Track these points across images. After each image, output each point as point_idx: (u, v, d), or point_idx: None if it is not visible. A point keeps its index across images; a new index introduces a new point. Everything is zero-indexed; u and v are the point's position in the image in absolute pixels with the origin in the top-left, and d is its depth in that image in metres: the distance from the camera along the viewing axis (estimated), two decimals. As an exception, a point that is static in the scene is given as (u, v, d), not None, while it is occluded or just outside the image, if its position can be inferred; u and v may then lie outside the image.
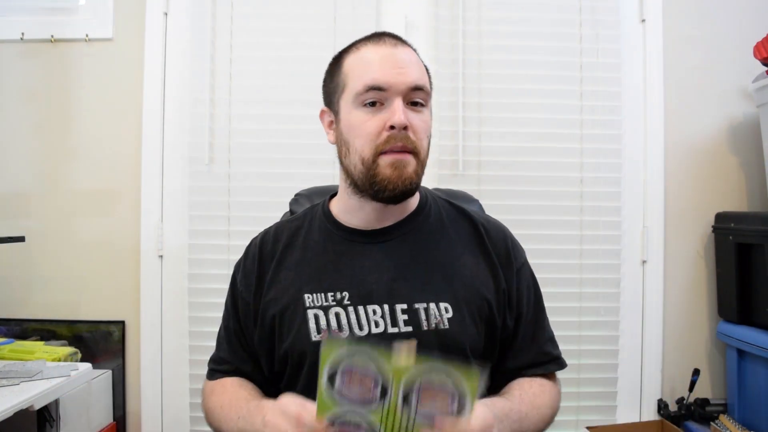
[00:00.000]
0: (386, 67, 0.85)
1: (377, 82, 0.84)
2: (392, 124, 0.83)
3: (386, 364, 0.69)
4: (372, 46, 0.88)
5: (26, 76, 1.83)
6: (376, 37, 0.90)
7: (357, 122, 0.86)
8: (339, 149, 0.91)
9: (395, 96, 0.84)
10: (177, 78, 1.80)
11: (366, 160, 0.85)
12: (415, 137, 0.85)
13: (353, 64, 0.88)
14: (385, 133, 0.84)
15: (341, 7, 1.79)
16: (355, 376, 0.69)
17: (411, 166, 0.85)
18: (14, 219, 1.82)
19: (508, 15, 1.81)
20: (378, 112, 0.85)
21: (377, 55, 0.86)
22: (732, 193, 1.83)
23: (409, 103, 0.86)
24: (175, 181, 1.80)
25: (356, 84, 0.86)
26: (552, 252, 1.77)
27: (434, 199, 0.99)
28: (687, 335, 1.82)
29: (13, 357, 1.46)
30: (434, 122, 1.80)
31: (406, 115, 0.84)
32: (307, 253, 0.93)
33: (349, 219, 0.94)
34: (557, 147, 1.79)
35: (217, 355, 1.00)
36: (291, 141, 1.77)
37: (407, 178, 0.85)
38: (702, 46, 1.84)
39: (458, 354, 0.86)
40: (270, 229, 1.00)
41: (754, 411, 1.61)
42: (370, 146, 0.85)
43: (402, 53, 0.87)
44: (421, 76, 0.88)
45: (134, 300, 1.80)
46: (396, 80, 0.84)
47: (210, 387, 0.97)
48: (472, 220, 0.97)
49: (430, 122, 0.90)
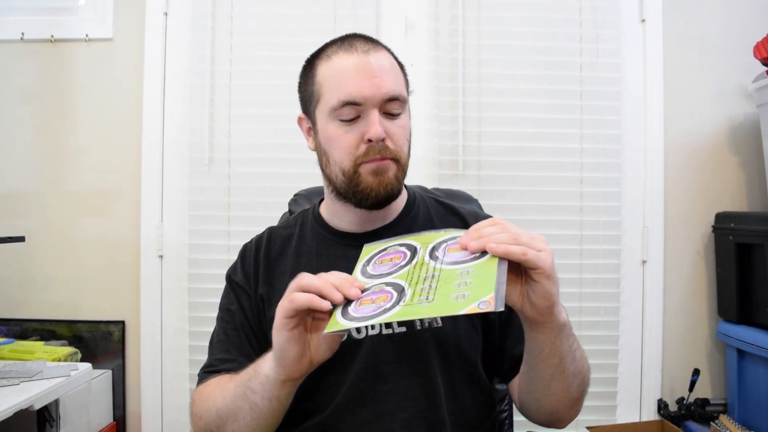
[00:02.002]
0: (360, 78, 0.82)
1: (351, 97, 0.82)
2: (369, 137, 0.82)
3: (415, 239, 0.75)
4: (344, 54, 0.85)
5: (26, 76, 1.83)
6: (347, 42, 0.87)
7: (334, 135, 0.85)
8: (319, 158, 0.91)
9: (371, 108, 0.83)
10: (177, 78, 1.80)
11: (347, 172, 0.85)
12: (394, 145, 0.85)
13: (326, 75, 0.86)
14: (363, 146, 0.83)
15: (341, 7, 1.79)
16: (386, 257, 0.75)
17: (392, 171, 0.85)
18: (14, 219, 1.82)
19: (508, 15, 1.81)
20: (355, 125, 0.84)
21: (349, 63, 0.83)
22: (732, 193, 1.83)
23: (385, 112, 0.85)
24: (175, 181, 1.80)
25: (331, 97, 0.84)
26: (552, 252, 1.76)
27: (422, 198, 0.99)
28: (687, 335, 1.82)
29: (13, 357, 1.46)
30: (434, 122, 1.82)
31: (383, 126, 0.83)
32: (302, 259, 0.93)
33: (338, 223, 0.94)
34: (557, 147, 1.79)
35: (212, 359, 0.91)
36: (291, 141, 1.76)
37: (388, 184, 0.85)
38: (702, 46, 1.84)
39: (455, 352, 0.86)
40: (263, 234, 0.99)
41: (754, 411, 1.61)
42: (349, 159, 0.84)
43: (375, 59, 0.84)
44: (396, 84, 0.85)
45: (134, 300, 1.80)
46: (371, 92, 0.82)
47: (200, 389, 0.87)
48: (459, 215, 0.97)
49: (408, 125, 0.89)
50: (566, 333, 0.74)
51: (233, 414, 0.77)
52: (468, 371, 0.88)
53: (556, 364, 0.75)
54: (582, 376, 0.80)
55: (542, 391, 0.79)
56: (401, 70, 0.90)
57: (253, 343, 0.90)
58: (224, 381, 0.82)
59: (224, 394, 0.79)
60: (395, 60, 0.89)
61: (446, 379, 0.86)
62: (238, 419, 0.77)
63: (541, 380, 0.78)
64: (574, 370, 0.77)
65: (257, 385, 0.74)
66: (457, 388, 0.86)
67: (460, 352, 0.86)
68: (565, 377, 0.76)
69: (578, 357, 0.78)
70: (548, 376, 0.77)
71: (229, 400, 0.78)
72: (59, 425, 1.41)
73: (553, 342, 0.73)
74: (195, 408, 0.85)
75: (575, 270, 1.78)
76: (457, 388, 0.86)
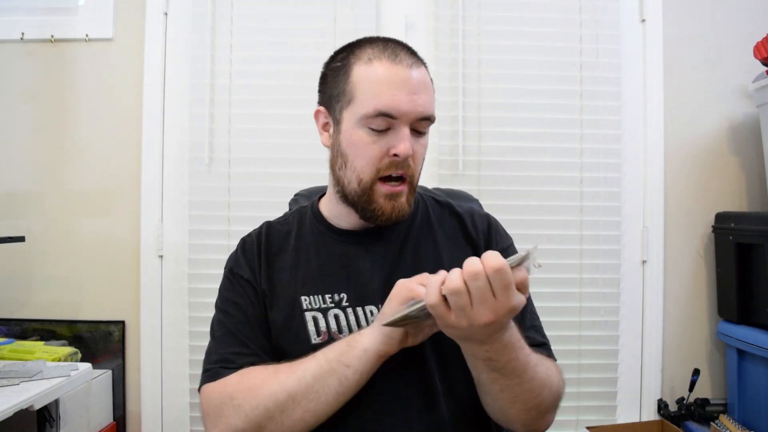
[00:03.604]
0: (402, 92, 0.82)
1: (389, 109, 0.82)
2: (397, 153, 0.83)
3: None
4: (388, 63, 0.83)
5: (26, 76, 1.83)
6: (391, 50, 0.85)
7: (360, 142, 0.84)
8: (333, 157, 0.90)
9: (403, 124, 0.83)
10: (177, 78, 1.80)
11: (363, 182, 0.85)
12: (413, 164, 0.86)
13: (364, 79, 0.84)
14: (387, 159, 0.84)
15: (341, 7, 1.79)
16: None
17: (404, 197, 0.87)
18: (14, 219, 1.81)
19: (508, 15, 1.81)
20: (383, 137, 0.84)
21: (393, 76, 0.82)
22: (732, 193, 1.83)
23: (413, 130, 0.85)
24: (175, 181, 1.80)
25: (366, 104, 0.83)
26: (552, 252, 1.77)
27: (421, 197, 0.99)
28: (687, 335, 1.82)
29: (13, 357, 1.46)
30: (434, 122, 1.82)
31: (411, 144, 0.83)
32: (301, 256, 0.92)
33: (339, 222, 0.94)
34: (557, 147, 1.79)
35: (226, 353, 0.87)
36: (291, 141, 1.77)
37: (400, 210, 0.87)
38: (702, 46, 1.84)
39: (453, 353, 0.85)
40: (261, 229, 0.98)
41: (754, 411, 1.61)
42: (370, 169, 0.84)
43: (417, 75, 0.84)
44: (431, 104, 0.86)
45: (134, 300, 1.80)
46: (408, 108, 0.82)
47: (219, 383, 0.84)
48: (457, 214, 0.98)
49: (427, 144, 0.91)
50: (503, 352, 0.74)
51: (314, 392, 0.78)
52: (467, 372, 0.87)
53: (496, 377, 0.77)
54: (538, 392, 0.79)
55: (493, 399, 0.81)
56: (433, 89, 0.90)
57: (267, 336, 0.89)
58: (282, 367, 0.82)
59: (298, 375, 0.79)
60: (429, 75, 0.89)
61: (444, 377, 0.86)
62: (319, 396, 0.78)
63: (485, 388, 0.81)
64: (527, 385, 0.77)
65: (352, 359, 0.78)
66: (456, 385, 0.86)
67: (458, 353, 0.86)
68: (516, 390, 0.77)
69: (529, 375, 0.77)
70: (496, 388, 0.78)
71: (309, 379, 0.78)
72: (59, 425, 1.41)
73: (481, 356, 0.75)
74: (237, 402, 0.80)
75: (575, 270, 1.77)
76: (456, 385, 0.86)
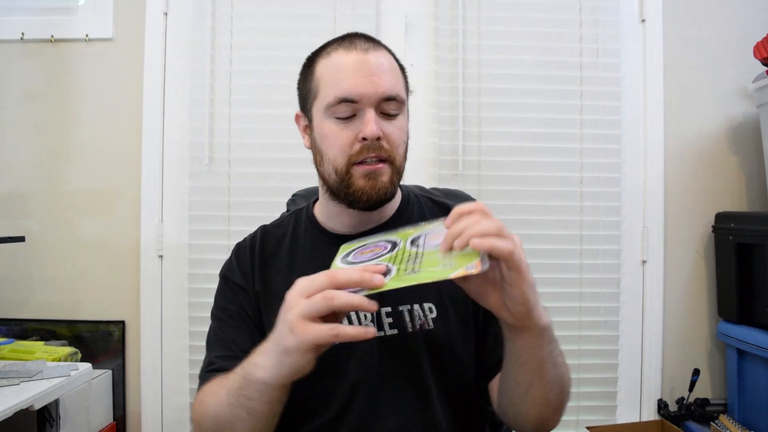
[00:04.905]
0: (358, 76, 0.81)
1: (348, 94, 0.81)
2: (364, 136, 0.81)
3: (394, 234, 0.76)
4: (343, 52, 0.84)
5: (26, 76, 1.83)
6: (348, 39, 0.86)
7: (329, 133, 0.84)
8: (314, 156, 0.90)
9: (367, 107, 0.82)
10: (177, 78, 1.80)
11: (339, 171, 0.84)
12: (389, 146, 0.83)
13: (324, 71, 0.85)
14: (357, 144, 0.82)
15: (341, 7, 1.78)
16: (366, 250, 0.74)
17: (386, 175, 0.84)
18: (14, 219, 1.82)
19: (508, 15, 1.81)
20: (350, 123, 0.83)
21: (348, 61, 0.83)
22: (732, 193, 1.83)
23: (381, 112, 0.84)
24: (175, 181, 1.80)
25: (327, 94, 0.83)
26: (552, 252, 1.77)
27: (416, 198, 0.98)
28: (687, 335, 1.82)
29: (13, 357, 1.46)
30: (434, 122, 1.82)
31: (379, 126, 0.82)
32: (295, 260, 0.92)
33: (332, 225, 0.93)
34: (557, 147, 1.79)
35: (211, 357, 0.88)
36: (291, 141, 1.75)
37: (381, 188, 0.83)
38: (702, 46, 1.84)
39: (447, 354, 0.85)
40: (255, 233, 0.98)
41: (754, 411, 1.61)
42: (342, 157, 0.83)
43: (374, 57, 0.83)
44: (395, 84, 0.84)
45: (134, 300, 1.80)
46: (368, 90, 0.81)
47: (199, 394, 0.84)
48: None
49: (406, 127, 0.88)
50: (547, 337, 0.70)
51: (230, 422, 0.74)
52: (461, 372, 0.87)
53: (534, 370, 0.72)
54: (562, 384, 0.76)
55: (520, 397, 0.76)
56: (401, 71, 0.89)
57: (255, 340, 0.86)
58: (215, 387, 0.79)
59: (218, 401, 0.76)
60: (395, 60, 0.88)
61: (439, 381, 0.85)
62: (235, 427, 0.74)
63: (519, 386, 0.75)
64: (554, 377, 0.73)
65: (253, 392, 0.71)
66: (451, 389, 0.86)
67: (452, 354, 0.85)
68: (545, 384, 0.73)
69: (559, 363, 0.74)
70: (527, 382, 0.73)
71: (225, 408, 0.74)
72: (59, 425, 1.41)
73: (533, 347, 0.70)
74: (193, 414, 0.83)
75: (575, 270, 1.77)
76: (451, 389, 0.86)
